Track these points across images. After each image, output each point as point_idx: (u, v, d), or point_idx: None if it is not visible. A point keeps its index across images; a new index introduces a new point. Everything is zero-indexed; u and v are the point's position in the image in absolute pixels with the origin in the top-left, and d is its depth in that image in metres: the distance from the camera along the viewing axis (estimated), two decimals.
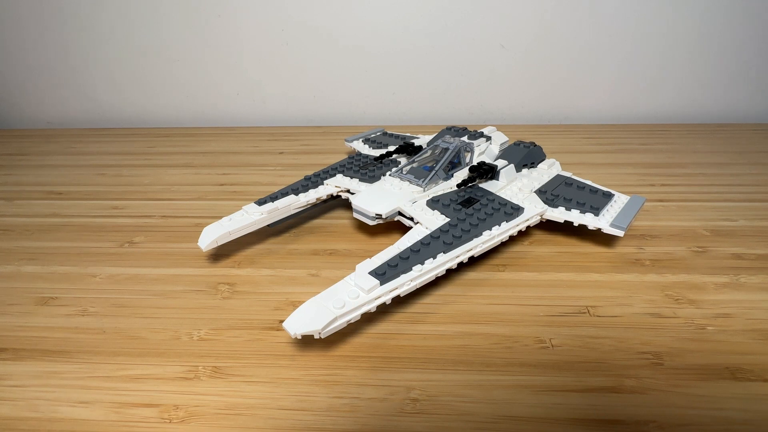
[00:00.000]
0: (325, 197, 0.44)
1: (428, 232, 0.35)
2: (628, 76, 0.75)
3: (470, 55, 0.76)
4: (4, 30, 0.79)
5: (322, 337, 0.28)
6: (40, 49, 0.80)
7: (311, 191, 0.44)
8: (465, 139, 0.48)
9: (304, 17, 0.75)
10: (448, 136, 0.49)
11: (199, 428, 0.25)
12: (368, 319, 0.32)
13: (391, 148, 0.52)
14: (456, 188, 0.42)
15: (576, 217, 0.39)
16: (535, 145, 0.49)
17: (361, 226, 0.45)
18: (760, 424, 0.25)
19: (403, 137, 0.60)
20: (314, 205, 0.44)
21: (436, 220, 0.37)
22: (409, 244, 0.34)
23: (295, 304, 0.34)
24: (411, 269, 0.31)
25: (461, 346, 0.30)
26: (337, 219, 0.47)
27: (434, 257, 0.33)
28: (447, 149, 0.45)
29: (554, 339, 0.30)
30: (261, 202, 0.41)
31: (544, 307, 0.33)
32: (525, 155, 0.47)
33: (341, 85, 0.81)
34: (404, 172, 0.44)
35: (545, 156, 0.50)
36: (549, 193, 0.42)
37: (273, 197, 0.42)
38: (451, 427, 0.25)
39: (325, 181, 0.45)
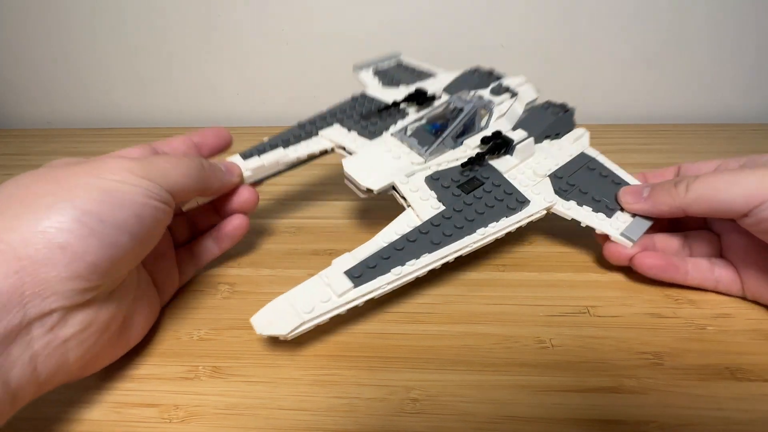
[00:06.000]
0: (317, 152, 0.40)
1: (418, 223, 0.32)
2: (627, 76, 0.75)
3: (470, 54, 0.76)
4: (4, 29, 0.79)
5: (289, 339, 0.27)
6: (40, 49, 0.80)
7: (303, 144, 0.39)
8: (486, 93, 0.41)
9: (305, 17, 0.75)
10: (465, 91, 0.42)
11: (199, 428, 0.25)
12: (368, 319, 0.32)
13: (399, 97, 0.45)
14: (461, 166, 0.36)
15: (585, 216, 0.34)
16: (566, 111, 0.40)
17: (361, 226, 0.45)
18: (760, 424, 0.25)
19: (420, 72, 0.51)
20: (304, 161, 0.40)
21: (430, 208, 0.33)
22: (395, 238, 0.31)
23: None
24: (389, 271, 0.29)
25: (461, 346, 0.30)
26: (336, 219, 0.47)
27: (417, 257, 0.30)
28: (461, 110, 0.38)
29: (554, 339, 0.30)
30: (246, 155, 0.38)
31: (544, 307, 0.33)
32: (551, 124, 0.39)
33: (341, 85, 0.81)
34: (407, 133, 0.38)
35: (575, 124, 0.41)
36: (565, 181, 0.36)
37: (260, 149, 0.38)
38: (451, 427, 0.25)
39: (320, 131, 0.40)
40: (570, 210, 0.34)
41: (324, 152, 0.40)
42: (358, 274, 0.29)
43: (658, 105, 0.76)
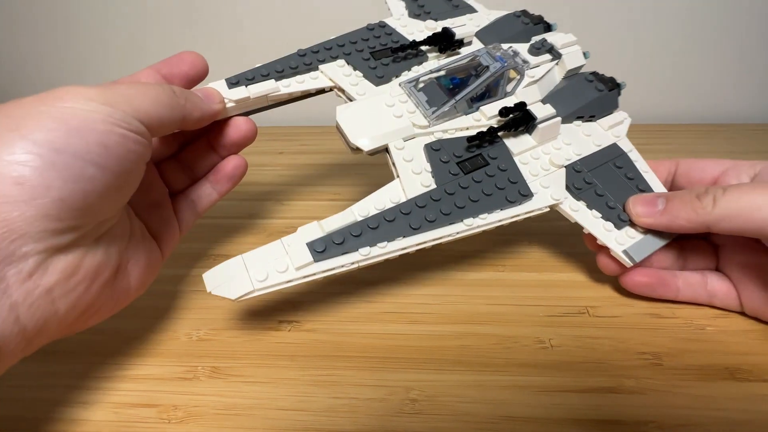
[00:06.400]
0: (313, 91, 0.35)
1: (402, 200, 0.29)
2: (627, 76, 0.75)
3: None
4: (4, 29, 0.79)
5: (236, 302, 0.26)
6: (38, 48, 0.80)
7: (298, 78, 0.35)
8: (524, 51, 0.35)
9: (305, 17, 0.75)
10: (498, 45, 0.36)
11: (198, 428, 0.25)
12: (367, 319, 0.32)
13: (420, 36, 0.37)
14: (467, 141, 0.32)
15: (591, 223, 0.31)
16: (612, 90, 0.35)
17: None
18: (760, 424, 0.25)
19: (458, 3, 0.41)
20: (298, 98, 0.36)
21: (420, 185, 0.29)
22: (372, 213, 0.28)
23: (294, 303, 0.34)
24: (357, 250, 0.26)
25: (460, 347, 0.30)
26: None
27: (391, 240, 0.27)
28: (487, 68, 0.33)
29: (553, 339, 0.30)
30: (233, 83, 0.33)
31: (544, 307, 0.33)
32: (589, 103, 0.34)
33: None
34: (418, 87, 0.33)
35: (617, 106, 0.36)
36: (582, 177, 0.32)
37: (250, 78, 0.34)
38: (450, 428, 0.25)
39: (320, 66, 0.35)
40: (576, 212, 0.31)
41: (321, 91, 0.35)
42: (322, 249, 0.26)
43: (658, 105, 0.76)
